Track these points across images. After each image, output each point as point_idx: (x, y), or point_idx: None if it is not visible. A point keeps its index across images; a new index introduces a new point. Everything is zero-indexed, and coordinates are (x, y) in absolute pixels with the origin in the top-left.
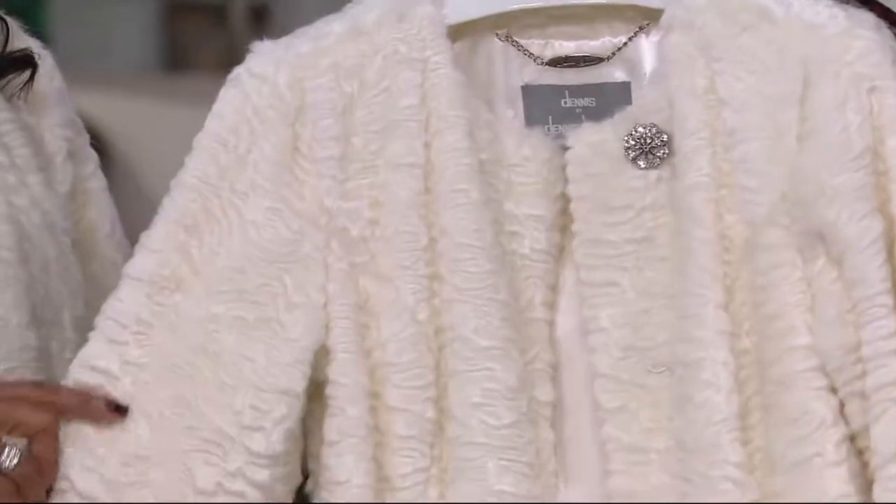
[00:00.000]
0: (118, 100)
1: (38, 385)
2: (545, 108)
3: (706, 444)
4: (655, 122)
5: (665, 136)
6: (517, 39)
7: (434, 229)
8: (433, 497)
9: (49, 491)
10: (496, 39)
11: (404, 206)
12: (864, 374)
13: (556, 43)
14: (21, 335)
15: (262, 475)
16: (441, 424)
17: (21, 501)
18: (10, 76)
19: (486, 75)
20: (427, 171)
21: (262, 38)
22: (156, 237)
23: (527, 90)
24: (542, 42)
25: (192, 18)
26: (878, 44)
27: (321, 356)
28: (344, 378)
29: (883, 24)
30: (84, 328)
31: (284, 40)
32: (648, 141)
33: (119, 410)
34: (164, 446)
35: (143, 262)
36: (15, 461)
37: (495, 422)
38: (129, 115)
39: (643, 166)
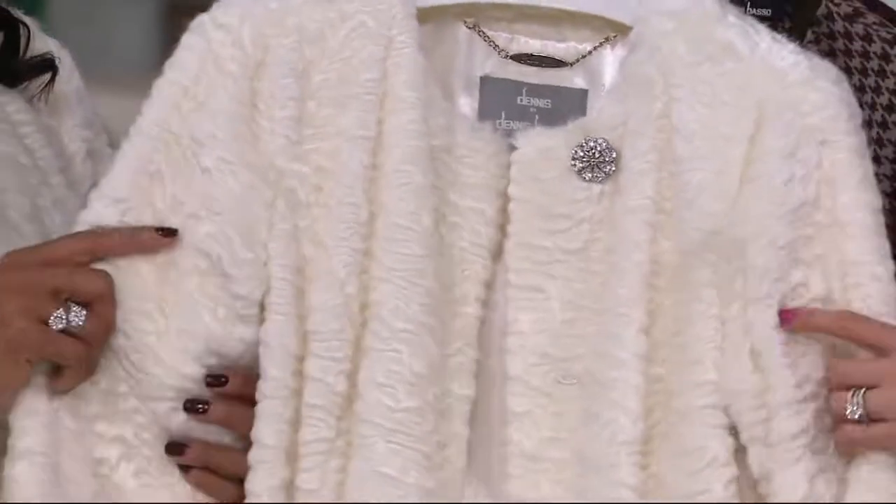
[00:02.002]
0: (118, 99)
1: (88, 242)
2: (500, 103)
3: (606, 462)
4: (607, 138)
5: (614, 153)
6: (484, 30)
7: (374, 205)
8: (333, 468)
9: None
10: (463, 27)
11: (351, 178)
12: (768, 420)
13: (523, 39)
14: None
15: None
16: (351, 399)
17: (89, 358)
18: (31, 80)
19: (449, 61)
20: (376, 147)
21: None
22: (117, 184)
23: (485, 81)
24: (509, 36)
25: (191, 18)
26: (836, 97)
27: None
28: (271, 339)
29: (843, 78)
30: None
31: None
32: (597, 155)
33: (170, 233)
34: (132, 389)
35: (103, 209)
36: (83, 319)
37: (392, 403)
38: (130, 114)
39: (588, 179)
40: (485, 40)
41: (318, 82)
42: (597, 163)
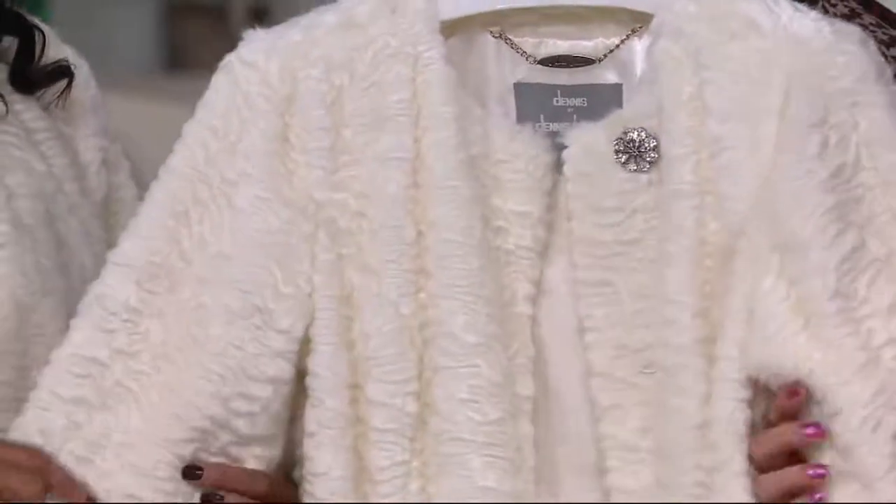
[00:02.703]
0: (119, 100)
1: (31, 454)
2: (537, 106)
3: (680, 449)
4: (645, 127)
5: (654, 141)
6: (510, 37)
7: (422, 224)
8: (414, 491)
9: None
10: (490, 36)
11: (390, 201)
12: (838, 390)
13: (550, 42)
14: (59, 342)
15: (243, 452)
16: (424, 419)
17: None
18: (47, 87)
19: (479, 72)
20: (416, 167)
21: None
22: (145, 224)
23: (519, 88)
24: (536, 41)
25: (192, 19)
26: (863, 59)
27: (304, 346)
28: (324, 370)
29: (868, 39)
30: None
31: (277, 29)
32: (638, 145)
33: None
34: (154, 434)
35: (132, 249)
36: None
37: (481, 418)
38: (130, 115)
39: (633, 169)
40: (512, 48)
41: (351, 110)
42: (639, 152)
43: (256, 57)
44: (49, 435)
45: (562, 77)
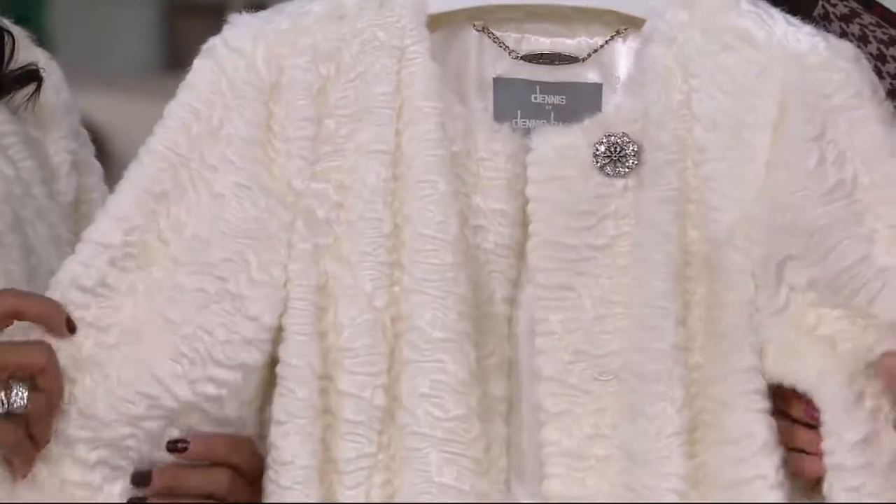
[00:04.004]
0: (118, 100)
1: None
2: (515, 102)
3: (655, 455)
4: (627, 132)
5: (636, 147)
6: (494, 32)
7: (399, 217)
8: (378, 483)
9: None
10: (473, 30)
11: (370, 192)
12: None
13: (532, 38)
14: None
15: (208, 429)
16: (392, 412)
17: (32, 439)
18: (16, 91)
19: (461, 66)
20: (396, 159)
21: None
22: (123, 204)
23: (498, 82)
24: (518, 36)
25: (192, 18)
26: (857, 76)
27: (276, 334)
28: (295, 359)
29: (862, 55)
30: None
31: (263, 14)
32: (618, 150)
33: (71, 330)
34: (119, 409)
35: (108, 227)
36: (24, 400)
37: (441, 414)
38: (129, 114)
39: (610, 174)
40: (494, 42)
41: (335, 100)
42: (619, 157)
43: (243, 43)
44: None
45: (542, 73)
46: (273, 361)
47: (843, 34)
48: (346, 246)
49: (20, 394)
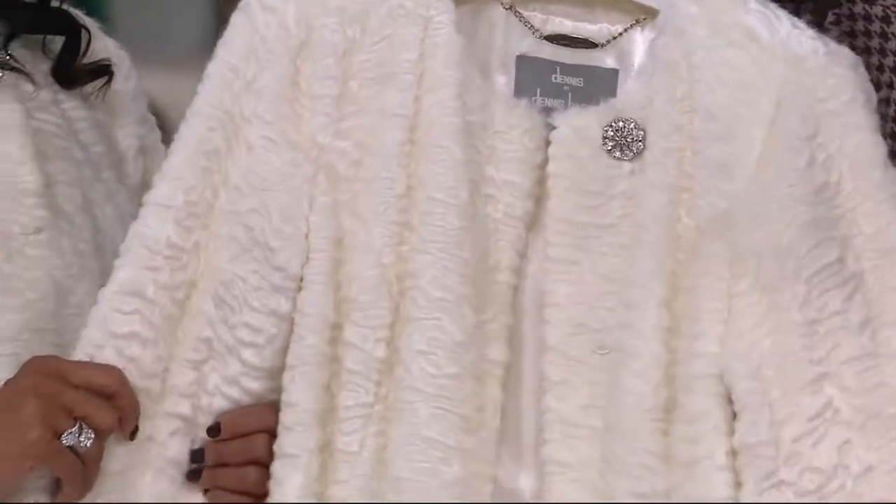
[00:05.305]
0: (176, 80)
1: (107, 371)
2: (535, 80)
3: (630, 429)
4: (634, 118)
5: (642, 133)
6: (520, 11)
7: (413, 179)
8: (372, 433)
9: None
10: (500, 7)
11: (386, 154)
12: (762, 392)
13: (557, 20)
14: None
15: (256, 385)
16: (392, 365)
17: (84, 480)
18: (88, 83)
19: (486, 41)
20: (414, 124)
21: None
22: (178, 165)
23: (521, 60)
24: (544, 17)
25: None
26: (852, 82)
27: (298, 283)
28: (309, 307)
29: (860, 63)
30: None
31: None
32: (626, 134)
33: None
34: (186, 356)
35: (168, 189)
36: (90, 442)
37: (434, 370)
38: (186, 94)
39: (618, 157)
40: (521, 21)
41: (360, 62)
42: (626, 142)
43: (276, 2)
44: None
45: (564, 55)
46: None
47: (866, 15)
48: (362, 203)
49: (89, 435)
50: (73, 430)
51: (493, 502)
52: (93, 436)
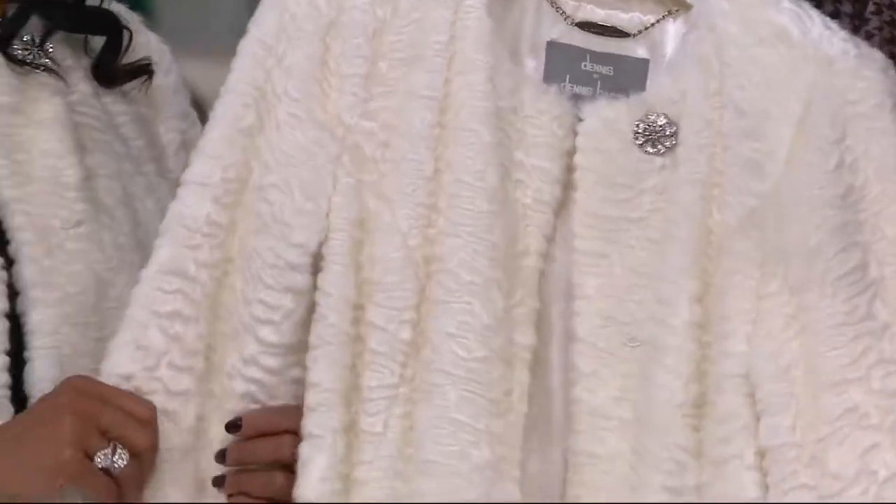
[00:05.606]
0: (217, 69)
1: (146, 405)
2: (565, 67)
3: (661, 423)
4: (667, 112)
5: (674, 127)
6: None
7: (441, 162)
8: (397, 414)
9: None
10: None
11: (415, 135)
12: (787, 393)
13: (589, 7)
14: None
15: (274, 362)
16: (418, 347)
17: (120, 502)
18: (128, 82)
19: (517, 25)
20: (444, 107)
21: None
22: (215, 143)
23: (552, 46)
24: (576, 4)
25: None
26: (882, 86)
27: (318, 262)
28: (330, 287)
29: (891, 65)
30: None
31: None
32: (657, 129)
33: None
34: (224, 330)
35: (205, 167)
36: (124, 463)
37: (465, 353)
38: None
39: (649, 152)
40: (552, 6)
41: (390, 43)
42: (658, 137)
43: None
44: (149, 350)
45: (595, 43)
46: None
47: (891, 4)
48: (388, 184)
49: (122, 456)
50: (107, 450)
51: (521, 488)
52: (126, 457)
